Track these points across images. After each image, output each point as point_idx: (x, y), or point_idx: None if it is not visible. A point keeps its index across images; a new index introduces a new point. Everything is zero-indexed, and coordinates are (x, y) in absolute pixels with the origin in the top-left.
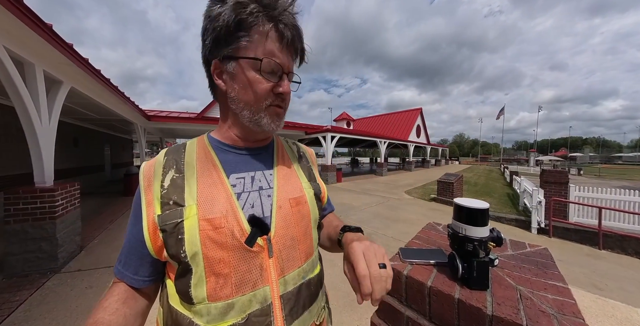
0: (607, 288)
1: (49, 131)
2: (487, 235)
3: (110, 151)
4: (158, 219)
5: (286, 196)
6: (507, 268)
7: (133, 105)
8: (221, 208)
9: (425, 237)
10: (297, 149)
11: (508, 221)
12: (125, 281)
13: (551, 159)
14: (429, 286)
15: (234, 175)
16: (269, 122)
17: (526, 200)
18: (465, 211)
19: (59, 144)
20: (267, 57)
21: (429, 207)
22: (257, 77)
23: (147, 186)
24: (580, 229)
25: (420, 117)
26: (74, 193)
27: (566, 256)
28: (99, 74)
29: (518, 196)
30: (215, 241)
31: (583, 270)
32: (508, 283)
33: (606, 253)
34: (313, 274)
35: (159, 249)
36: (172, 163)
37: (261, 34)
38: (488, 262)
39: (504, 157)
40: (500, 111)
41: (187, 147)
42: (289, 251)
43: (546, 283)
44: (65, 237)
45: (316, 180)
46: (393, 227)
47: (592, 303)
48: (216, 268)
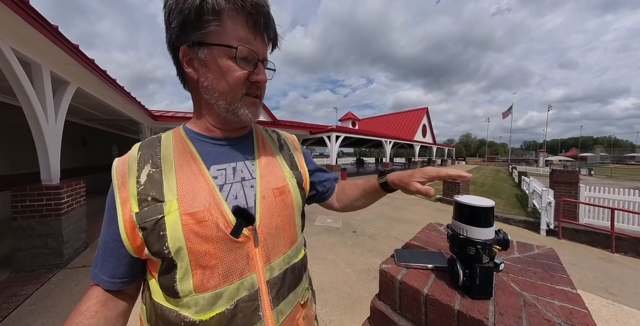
0: (620, 293)
1: (55, 131)
2: (492, 237)
3: (118, 150)
4: (136, 217)
5: (269, 185)
6: (513, 272)
7: (139, 105)
8: (203, 201)
9: (424, 238)
10: (277, 137)
11: (516, 223)
12: (101, 285)
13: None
14: (426, 294)
15: (215, 167)
16: (246, 112)
17: (535, 201)
18: (467, 210)
19: (67, 144)
20: (242, 45)
21: (434, 207)
22: (231, 65)
23: (120, 183)
24: (591, 231)
25: (426, 116)
26: (80, 190)
27: (577, 259)
28: (105, 75)
29: (526, 197)
30: (199, 235)
31: (594, 274)
32: (512, 289)
33: (619, 256)
34: (297, 259)
35: (139, 248)
36: (147, 158)
37: (233, 20)
38: (492, 268)
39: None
40: (507, 110)
41: (163, 140)
42: (274, 239)
43: (553, 287)
44: (70, 234)
45: (298, 167)
46: (397, 227)
47: (602, 307)
48: (202, 260)
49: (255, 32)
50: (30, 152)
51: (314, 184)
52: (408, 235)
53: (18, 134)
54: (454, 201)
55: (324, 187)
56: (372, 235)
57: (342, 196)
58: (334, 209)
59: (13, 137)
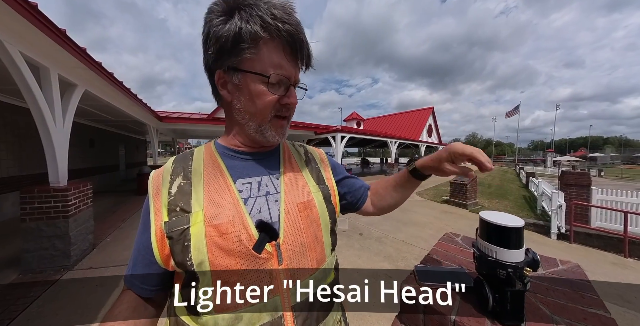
0: (636, 300)
1: (63, 133)
2: (523, 259)
3: (124, 151)
4: (165, 226)
5: (294, 200)
6: (540, 292)
7: (145, 107)
8: (228, 213)
9: (443, 251)
10: (304, 151)
11: (526, 226)
12: (133, 289)
13: (569, 160)
14: (454, 321)
15: (241, 180)
16: (273, 133)
17: (544, 203)
18: (495, 230)
19: (76, 145)
20: (275, 72)
21: (441, 209)
22: (263, 90)
23: (155, 193)
24: (603, 235)
25: (432, 116)
26: (87, 192)
27: (590, 264)
28: (112, 77)
29: (535, 199)
30: (222, 248)
31: (609, 280)
32: (543, 313)
33: (633, 261)
34: (327, 282)
35: (167, 258)
36: (179, 170)
37: (268, 47)
38: (524, 292)
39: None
40: (514, 109)
41: (195, 154)
42: (299, 258)
43: (585, 311)
44: (78, 235)
45: (325, 182)
46: (404, 230)
47: (618, 316)
48: (223, 276)
49: (290, 58)
50: (40, 153)
51: (345, 195)
52: (415, 238)
53: (27, 135)
54: (480, 219)
55: (354, 197)
56: (378, 238)
57: (375, 198)
58: (371, 214)
59: (22, 139)
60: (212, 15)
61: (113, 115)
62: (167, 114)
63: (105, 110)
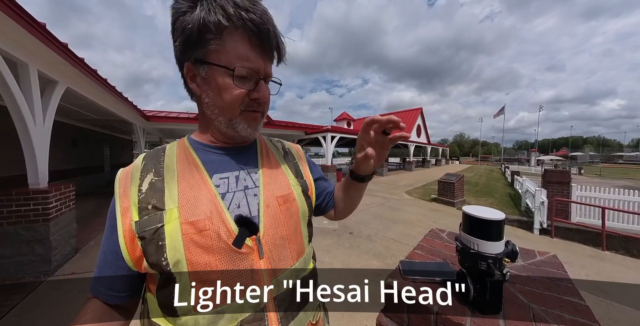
0: (612, 291)
1: (43, 132)
2: (502, 250)
3: (110, 151)
4: (135, 226)
5: (273, 194)
6: (519, 282)
7: (131, 105)
8: (205, 209)
9: (428, 246)
10: (281, 146)
11: (510, 222)
12: (99, 297)
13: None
14: (436, 314)
15: (217, 175)
16: (245, 127)
17: (528, 200)
18: (477, 223)
19: (57, 145)
20: (240, 65)
21: (429, 208)
22: (230, 83)
23: (122, 192)
24: (582, 229)
25: (421, 117)
26: (69, 194)
27: (570, 257)
28: (96, 74)
29: (519, 197)
30: (200, 245)
31: (587, 272)
32: (520, 302)
33: (610, 254)
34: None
35: (138, 260)
36: (150, 167)
37: (234, 38)
38: (502, 281)
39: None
40: (500, 110)
41: (167, 150)
42: (279, 250)
43: (560, 298)
44: (59, 239)
45: (303, 176)
46: (393, 228)
47: (595, 305)
48: (202, 274)
49: (257, 50)
50: (19, 154)
51: (317, 196)
52: (404, 236)
53: (4, 135)
54: (463, 213)
55: (325, 200)
56: (368, 236)
57: (336, 202)
58: (333, 218)
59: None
60: (177, 5)
61: (97, 114)
62: (154, 113)
63: (89, 108)
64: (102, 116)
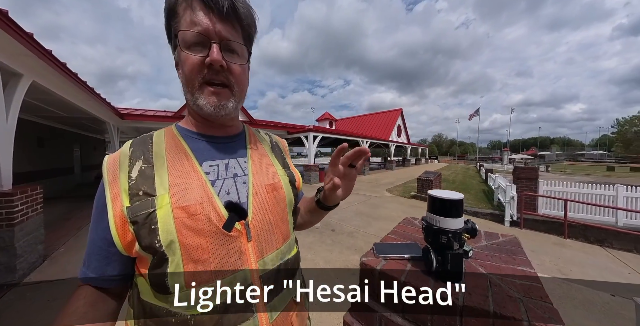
0: (571, 273)
1: (6, 130)
2: (462, 227)
3: (80, 152)
4: (127, 211)
5: (262, 182)
6: (480, 258)
7: (104, 102)
8: (195, 195)
9: (401, 232)
10: (269, 139)
11: (483, 216)
12: (91, 283)
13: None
14: (403, 282)
15: (207, 163)
16: (205, 102)
17: (500, 195)
18: (439, 203)
19: (21, 145)
20: (183, 29)
21: (409, 204)
22: (185, 54)
23: (112, 179)
24: (548, 220)
25: (401, 117)
26: (36, 197)
27: (536, 245)
28: (65, 68)
29: (493, 192)
30: (191, 229)
31: (550, 258)
32: (480, 273)
33: (571, 241)
34: (290, 255)
35: (129, 244)
36: (139, 154)
37: (184, 10)
38: (462, 254)
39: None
40: (475, 112)
41: (155, 137)
42: (266, 234)
43: (515, 269)
44: (25, 246)
45: (290, 168)
46: (374, 225)
47: (557, 286)
48: (194, 254)
49: (204, 12)
50: None
51: None
52: (385, 231)
53: None
54: (428, 196)
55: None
56: (350, 233)
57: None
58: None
59: None
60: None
61: (66, 111)
62: (129, 111)
63: (58, 105)
64: (71, 113)
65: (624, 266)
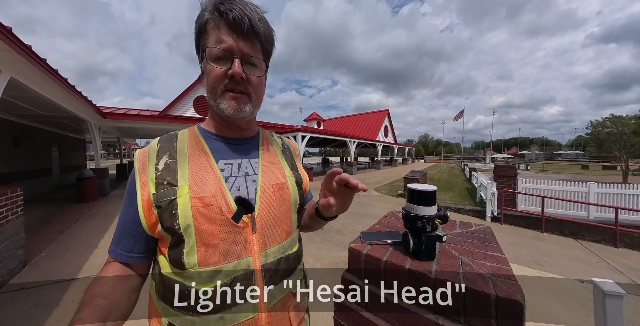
0: (546, 264)
1: None
2: (435, 213)
3: (59, 152)
4: (153, 197)
5: (270, 181)
6: (454, 243)
7: (86, 101)
8: (211, 188)
9: (385, 223)
10: (281, 142)
11: (466, 212)
12: (119, 259)
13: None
14: (385, 261)
15: (223, 161)
16: (225, 106)
17: (482, 193)
18: (416, 194)
19: None
20: (210, 46)
21: (396, 202)
22: (210, 66)
23: (141, 169)
24: (526, 216)
25: (388, 118)
26: (16, 199)
27: (515, 239)
28: (45, 64)
29: (476, 190)
30: (205, 216)
31: (528, 251)
32: (452, 254)
33: (547, 235)
34: (292, 251)
35: (153, 225)
36: (165, 150)
37: (212, 27)
38: (435, 237)
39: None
40: (459, 113)
41: (179, 136)
42: (270, 229)
43: (486, 253)
44: (4, 251)
45: (298, 170)
46: (362, 222)
47: (532, 276)
48: (206, 239)
49: (230, 32)
50: None
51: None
52: None
53: None
54: (408, 189)
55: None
56: (338, 231)
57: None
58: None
59: None
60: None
61: (45, 109)
62: (112, 109)
63: (36, 103)
64: (50, 111)
65: (593, 256)
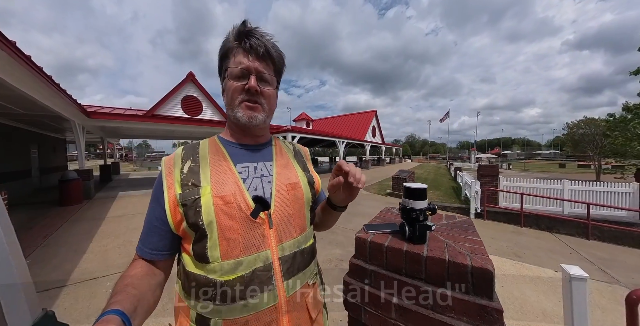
0: (524, 255)
1: None
2: (425, 206)
3: (38, 153)
4: (179, 197)
5: (283, 181)
6: (441, 231)
7: (70, 99)
8: (230, 188)
9: (382, 217)
10: (292, 147)
11: (452, 210)
12: (144, 257)
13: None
14: (386, 246)
15: (240, 164)
16: (242, 114)
17: (467, 191)
18: (410, 191)
19: None
20: (232, 67)
21: (385, 201)
22: (230, 82)
23: (168, 173)
24: (507, 212)
25: (375, 118)
26: None
27: (496, 234)
28: (29, 61)
29: (461, 189)
30: (226, 213)
31: (508, 244)
32: (439, 239)
33: (526, 229)
34: (306, 245)
35: (178, 223)
36: (189, 155)
37: (233, 54)
38: (426, 226)
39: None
40: (445, 114)
41: (201, 144)
42: (285, 225)
43: (466, 238)
44: None
45: (310, 172)
46: (353, 221)
47: (511, 266)
48: (227, 233)
49: (248, 56)
50: None
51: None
52: None
53: None
54: (404, 186)
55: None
56: (331, 230)
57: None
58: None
59: None
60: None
61: (25, 108)
62: (96, 108)
63: (15, 101)
64: (31, 110)
65: (567, 248)
